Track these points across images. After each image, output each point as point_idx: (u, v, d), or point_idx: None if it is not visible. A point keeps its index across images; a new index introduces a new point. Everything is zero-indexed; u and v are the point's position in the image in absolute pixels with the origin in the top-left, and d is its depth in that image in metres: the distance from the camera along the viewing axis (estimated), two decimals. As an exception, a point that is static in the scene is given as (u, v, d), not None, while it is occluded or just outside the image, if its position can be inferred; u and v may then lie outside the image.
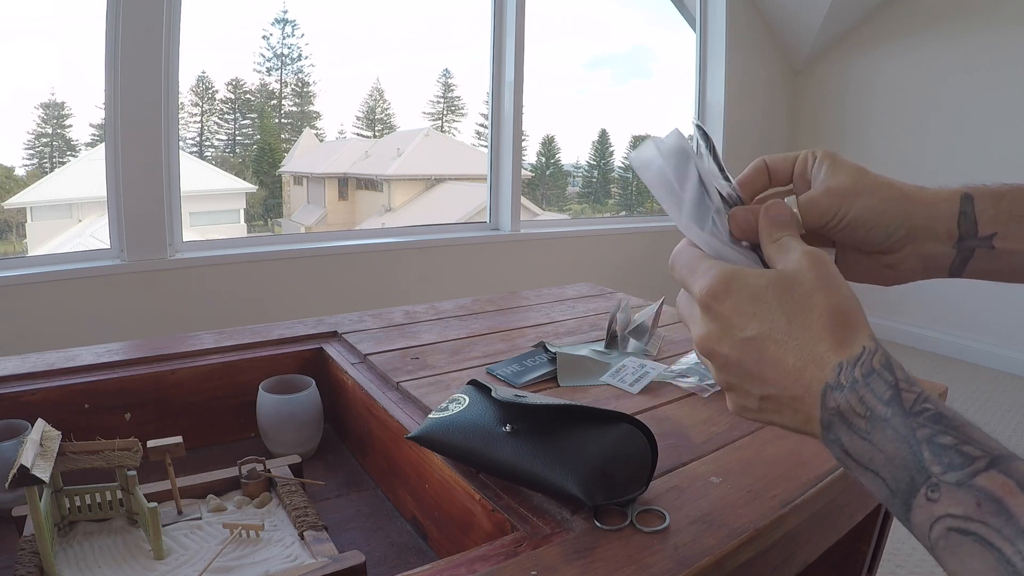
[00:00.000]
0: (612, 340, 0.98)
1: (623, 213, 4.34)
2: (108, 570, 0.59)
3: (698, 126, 0.44)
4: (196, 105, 3.08)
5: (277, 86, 3.24)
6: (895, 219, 0.43)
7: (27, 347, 1.02)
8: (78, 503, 0.64)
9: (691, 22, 3.84)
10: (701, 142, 0.42)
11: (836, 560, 0.89)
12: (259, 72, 3.16)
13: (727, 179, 0.43)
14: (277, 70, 3.17)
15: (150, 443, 0.66)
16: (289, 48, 3.12)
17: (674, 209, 0.40)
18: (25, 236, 2.75)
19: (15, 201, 2.69)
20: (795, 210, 0.43)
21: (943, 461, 0.29)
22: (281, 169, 3.49)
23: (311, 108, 3.38)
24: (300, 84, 3.28)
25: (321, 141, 3.60)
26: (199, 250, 2.42)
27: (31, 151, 2.66)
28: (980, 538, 0.27)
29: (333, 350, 0.97)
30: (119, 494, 0.65)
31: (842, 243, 0.46)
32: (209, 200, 3.23)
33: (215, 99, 3.16)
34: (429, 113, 3.69)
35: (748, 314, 0.37)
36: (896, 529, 0.92)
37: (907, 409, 0.32)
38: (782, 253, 0.39)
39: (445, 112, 3.69)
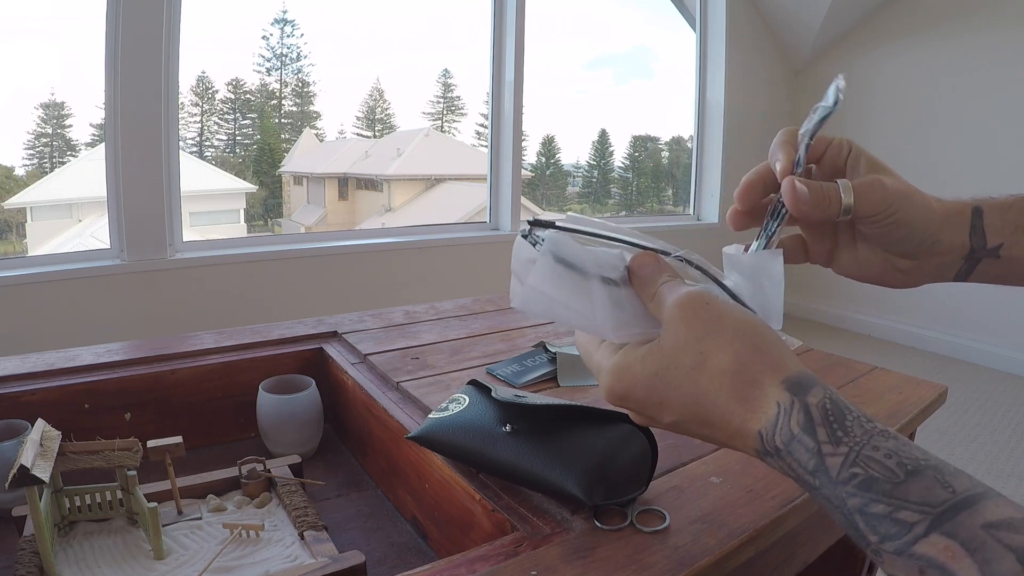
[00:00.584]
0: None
1: (623, 213, 4.34)
2: (108, 570, 0.59)
3: (530, 223, 0.42)
4: (196, 105, 3.08)
5: (277, 86, 3.24)
6: (928, 230, 0.44)
7: (27, 347, 1.02)
8: (78, 503, 0.64)
9: (691, 22, 3.84)
10: (541, 234, 0.41)
11: (836, 560, 0.89)
12: (259, 72, 3.16)
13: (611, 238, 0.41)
14: (277, 70, 3.17)
15: (150, 443, 0.66)
16: (289, 48, 3.12)
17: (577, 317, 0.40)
18: (25, 236, 2.75)
19: (15, 201, 2.69)
20: (847, 196, 0.42)
21: (879, 531, 0.28)
22: (281, 169, 3.50)
23: (311, 108, 3.38)
24: (300, 84, 3.28)
25: (321, 141, 3.60)
26: (199, 250, 2.42)
27: (31, 151, 2.66)
28: None
29: (333, 350, 0.97)
30: (119, 494, 0.65)
31: (867, 238, 0.46)
32: (209, 200, 3.23)
33: (215, 99, 3.16)
34: (429, 113, 3.69)
35: (656, 406, 0.37)
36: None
37: (834, 477, 0.30)
38: (659, 309, 0.38)
39: (445, 112, 3.69)
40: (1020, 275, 0.45)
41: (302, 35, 3.11)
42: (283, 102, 3.30)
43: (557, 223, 0.40)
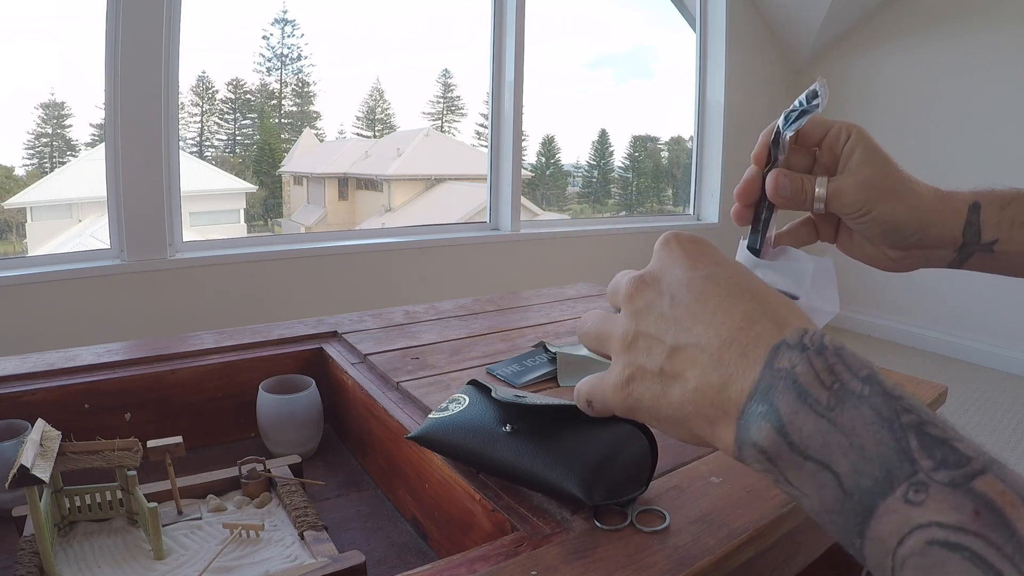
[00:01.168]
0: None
1: (623, 213, 4.34)
2: (108, 570, 0.59)
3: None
4: (196, 105, 3.08)
5: (277, 86, 3.24)
6: (911, 227, 0.44)
7: (27, 347, 1.02)
8: (78, 503, 0.64)
9: (691, 22, 3.84)
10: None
11: (836, 560, 0.89)
12: (259, 72, 3.16)
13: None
14: (277, 70, 3.17)
15: (150, 443, 0.66)
16: (289, 48, 3.12)
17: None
18: (25, 236, 2.75)
19: (15, 201, 2.69)
20: (820, 190, 0.44)
21: (935, 454, 0.23)
22: (281, 169, 3.49)
23: (311, 108, 3.38)
24: (300, 84, 3.28)
25: (321, 141, 3.60)
26: (199, 250, 2.42)
27: (31, 151, 2.66)
28: (974, 555, 0.21)
29: (333, 350, 0.97)
30: (119, 494, 0.65)
31: (854, 229, 0.47)
32: (209, 200, 3.23)
33: (215, 99, 3.16)
34: (429, 113, 3.69)
35: (697, 256, 0.34)
36: (896, 529, 0.92)
37: (888, 389, 0.26)
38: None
39: (445, 112, 3.69)
40: (1014, 268, 0.46)
41: (302, 35, 3.11)
42: (283, 102, 3.30)
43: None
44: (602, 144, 4.18)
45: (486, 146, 3.19)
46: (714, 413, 0.30)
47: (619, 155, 4.22)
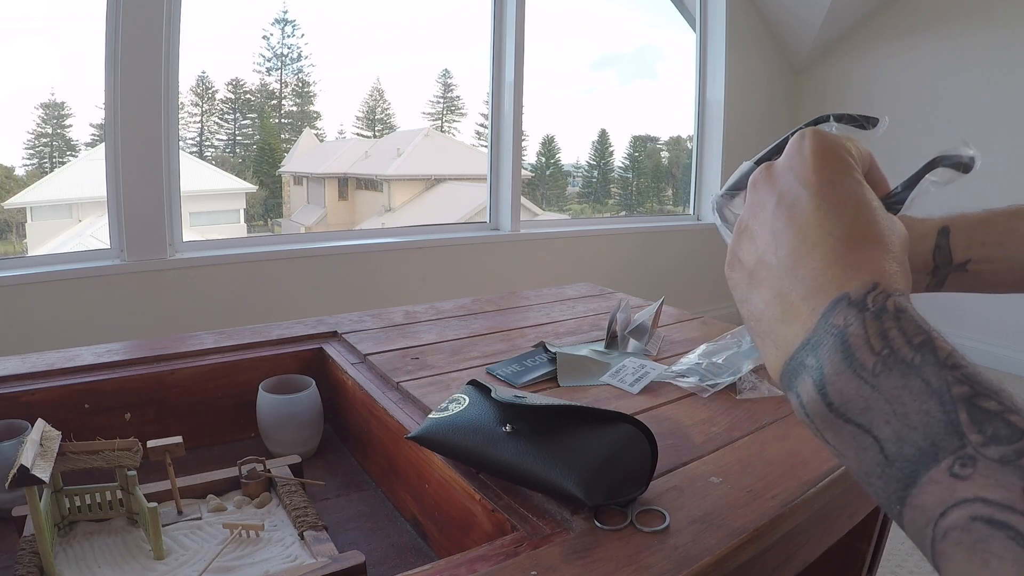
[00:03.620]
0: (612, 340, 0.98)
1: (623, 213, 4.34)
2: (108, 570, 0.59)
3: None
4: (196, 105, 3.08)
5: (277, 86, 3.24)
6: None
7: (27, 347, 1.02)
8: (78, 503, 0.64)
9: (691, 22, 3.84)
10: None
11: (836, 560, 0.89)
12: (259, 72, 3.16)
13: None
14: (277, 70, 3.17)
15: (150, 443, 0.66)
16: (289, 48, 3.12)
17: None
18: (25, 236, 2.75)
19: (15, 201, 2.69)
20: None
21: (985, 430, 0.22)
22: (281, 169, 3.49)
23: (311, 108, 3.38)
24: (300, 84, 3.28)
25: (321, 141, 3.60)
26: (199, 250, 2.42)
27: (31, 151, 2.66)
28: (1019, 535, 0.20)
29: (333, 350, 0.97)
30: (119, 494, 0.65)
31: None
32: (209, 200, 3.23)
33: (215, 99, 3.16)
34: (429, 113, 3.69)
35: (822, 164, 0.32)
36: (896, 529, 0.92)
37: (941, 359, 0.25)
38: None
39: (445, 112, 3.69)
40: (991, 284, 0.47)
41: (302, 35, 3.10)
42: (283, 102, 3.30)
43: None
44: (602, 144, 4.18)
45: (486, 146, 3.19)
46: (775, 339, 0.31)
47: (619, 155, 4.22)
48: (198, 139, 3.15)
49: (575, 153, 4.44)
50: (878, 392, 0.25)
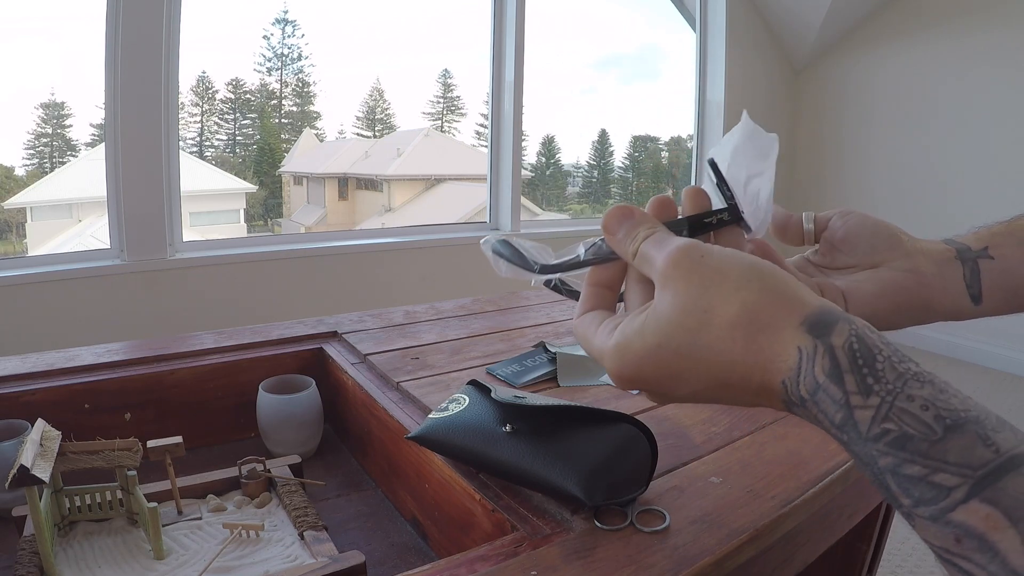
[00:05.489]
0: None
1: (623, 213, 4.34)
2: (108, 570, 0.59)
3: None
4: (196, 105, 3.08)
5: (277, 86, 3.25)
6: (921, 319, 0.46)
7: (27, 347, 1.02)
8: (78, 503, 0.64)
9: (691, 22, 3.84)
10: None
11: (836, 560, 0.89)
12: (259, 72, 3.16)
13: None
14: (277, 70, 3.17)
15: (150, 443, 0.66)
16: (289, 48, 3.12)
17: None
18: (25, 236, 2.76)
19: (15, 201, 2.69)
20: (809, 226, 0.47)
21: (912, 495, 0.25)
22: (281, 169, 3.50)
23: (311, 108, 3.38)
24: (300, 84, 3.28)
25: (321, 141, 3.60)
26: (199, 250, 2.42)
27: (31, 151, 2.66)
28: (964, 572, 0.24)
29: (333, 350, 0.97)
30: (119, 494, 0.65)
31: None
32: (209, 200, 3.23)
33: (215, 99, 3.16)
34: (429, 113, 3.69)
35: (669, 379, 0.33)
36: (896, 529, 0.92)
37: (863, 433, 0.27)
38: (648, 268, 0.34)
39: (445, 112, 3.69)
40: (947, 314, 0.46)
41: (302, 35, 3.11)
42: (283, 102, 3.30)
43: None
44: (602, 144, 4.18)
45: (486, 146, 3.19)
46: (756, 403, 0.33)
47: (619, 155, 4.22)
48: (198, 139, 3.16)
49: (575, 153, 4.44)
50: (852, 452, 0.28)
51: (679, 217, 0.38)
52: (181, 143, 2.40)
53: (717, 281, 0.31)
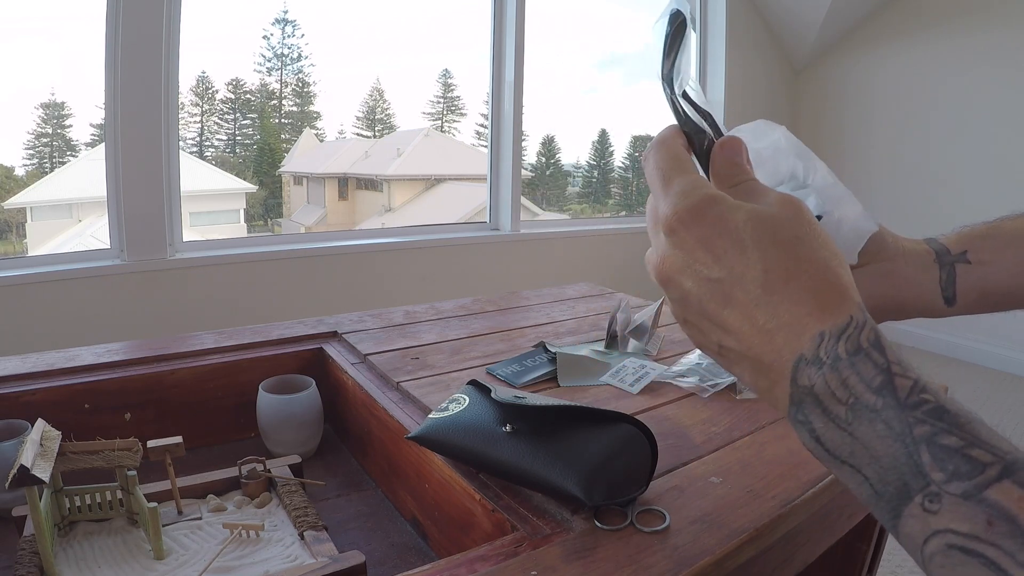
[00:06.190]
0: (612, 340, 0.98)
1: (623, 213, 4.34)
2: (108, 570, 0.59)
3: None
4: (196, 105, 3.08)
5: (277, 86, 3.25)
6: (898, 316, 0.48)
7: (27, 347, 1.02)
8: (78, 503, 0.64)
9: (691, 22, 3.84)
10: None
11: (836, 560, 0.89)
12: (259, 72, 3.16)
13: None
14: (277, 70, 3.17)
15: (150, 443, 0.66)
16: (289, 48, 3.12)
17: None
18: (25, 236, 2.76)
19: (15, 201, 2.69)
20: None
21: (947, 467, 0.24)
22: (281, 169, 3.50)
23: (311, 108, 3.38)
24: (300, 84, 3.28)
25: (321, 141, 3.60)
26: (199, 250, 2.42)
27: (31, 151, 2.66)
28: (989, 562, 0.22)
29: (333, 350, 0.97)
30: (119, 494, 0.65)
31: None
32: (209, 200, 3.23)
33: (215, 99, 3.16)
34: (429, 113, 3.69)
35: (718, 251, 0.31)
36: (896, 529, 0.92)
37: (902, 400, 0.26)
38: (752, 196, 0.33)
39: (445, 112, 3.69)
40: (1002, 282, 0.47)
41: (302, 35, 3.11)
42: (283, 102, 3.30)
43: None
44: (602, 144, 4.18)
45: (486, 146, 3.19)
46: (771, 401, 0.32)
47: (619, 155, 4.22)
48: (198, 139, 3.16)
49: (575, 153, 4.44)
50: (855, 439, 0.27)
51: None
52: (181, 143, 2.40)
53: (820, 234, 0.32)
